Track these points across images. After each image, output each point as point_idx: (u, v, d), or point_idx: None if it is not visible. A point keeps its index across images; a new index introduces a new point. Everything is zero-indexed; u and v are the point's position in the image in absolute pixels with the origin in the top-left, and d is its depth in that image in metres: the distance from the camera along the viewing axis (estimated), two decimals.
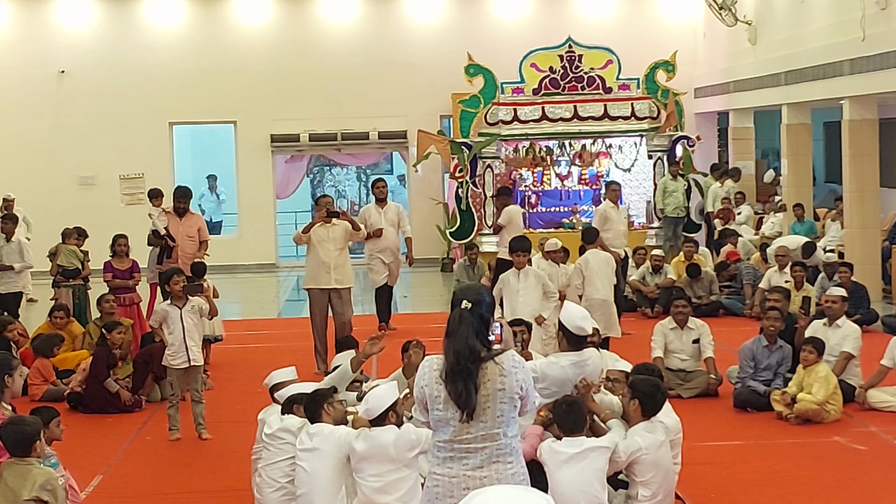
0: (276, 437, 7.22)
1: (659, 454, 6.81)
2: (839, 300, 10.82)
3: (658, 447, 6.81)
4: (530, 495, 3.25)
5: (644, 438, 6.80)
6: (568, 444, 6.56)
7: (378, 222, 14.32)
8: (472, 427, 4.90)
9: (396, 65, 22.64)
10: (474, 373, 4.88)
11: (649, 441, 6.79)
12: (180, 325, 9.63)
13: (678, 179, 18.91)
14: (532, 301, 10.96)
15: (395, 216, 14.58)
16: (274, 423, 7.29)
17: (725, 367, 10.99)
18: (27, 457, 6.12)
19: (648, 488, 6.78)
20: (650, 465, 6.76)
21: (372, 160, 25.29)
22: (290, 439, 7.13)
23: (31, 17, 22.51)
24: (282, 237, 23.58)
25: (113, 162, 21.84)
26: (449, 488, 4.91)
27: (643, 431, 6.86)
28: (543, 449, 6.56)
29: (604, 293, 11.92)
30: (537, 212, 19.71)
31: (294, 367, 8.03)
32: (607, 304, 11.97)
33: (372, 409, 6.57)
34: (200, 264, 12.42)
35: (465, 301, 4.98)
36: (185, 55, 22.53)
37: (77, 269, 14.06)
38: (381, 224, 14.30)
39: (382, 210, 14.47)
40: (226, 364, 12.79)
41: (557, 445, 6.57)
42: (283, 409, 7.37)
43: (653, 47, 20.83)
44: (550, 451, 6.56)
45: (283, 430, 7.19)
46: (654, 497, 6.80)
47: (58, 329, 12.58)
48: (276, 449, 7.21)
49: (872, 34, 14.98)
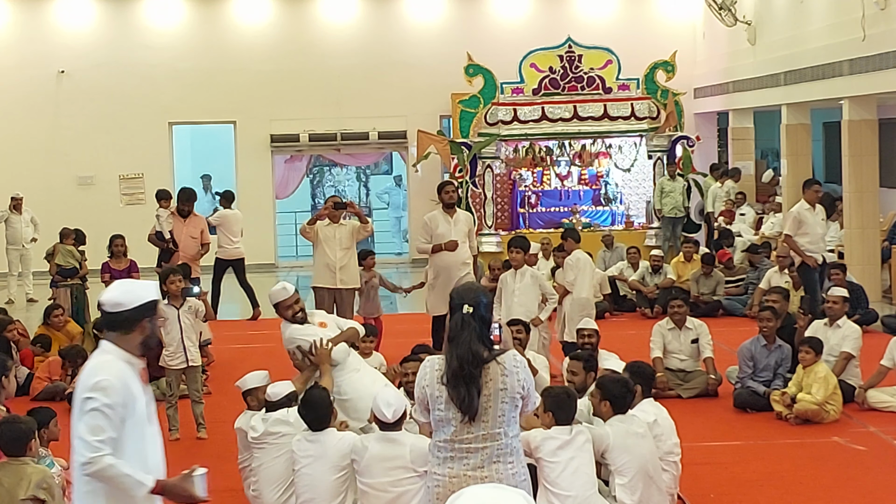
0: (269, 433, 7.17)
1: (629, 442, 6.82)
2: (840, 300, 10.81)
3: (627, 436, 6.83)
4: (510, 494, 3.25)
5: (612, 426, 6.87)
6: (559, 430, 6.57)
7: (448, 233, 11.76)
8: (473, 427, 4.90)
9: (396, 65, 22.64)
10: (477, 377, 4.88)
11: (617, 428, 6.85)
12: (178, 326, 9.63)
13: (676, 179, 18.90)
14: (527, 301, 10.93)
15: (465, 227, 11.96)
16: (258, 425, 7.25)
17: (725, 367, 10.99)
18: (22, 456, 6.12)
19: (623, 476, 6.77)
20: (620, 451, 6.78)
21: (371, 160, 25.30)
22: (286, 430, 7.09)
23: (31, 17, 22.50)
24: (281, 237, 23.60)
25: (112, 162, 21.87)
26: (449, 488, 4.91)
27: (615, 422, 6.94)
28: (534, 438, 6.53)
29: (587, 293, 11.85)
30: (537, 212, 19.70)
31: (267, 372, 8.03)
32: (590, 303, 11.89)
33: (398, 412, 6.57)
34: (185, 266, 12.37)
35: (465, 305, 4.97)
36: (185, 55, 22.52)
37: (75, 268, 14.08)
38: (452, 235, 11.74)
39: (452, 219, 11.90)
40: (225, 364, 12.77)
41: (551, 432, 6.59)
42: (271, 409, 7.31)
43: (652, 47, 20.83)
44: (545, 438, 6.55)
45: (277, 424, 7.14)
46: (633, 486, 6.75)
47: (55, 329, 12.60)
48: (272, 446, 7.15)
49: (872, 34, 14.98)
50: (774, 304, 10.78)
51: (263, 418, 7.28)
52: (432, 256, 11.82)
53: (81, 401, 4.56)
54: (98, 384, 4.53)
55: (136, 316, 4.67)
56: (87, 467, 4.52)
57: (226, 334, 14.03)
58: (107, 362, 4.62)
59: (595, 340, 9.52)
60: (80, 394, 4.58)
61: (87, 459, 4.51)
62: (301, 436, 6.93)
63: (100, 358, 4.67)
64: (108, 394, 4.52)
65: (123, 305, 4.66)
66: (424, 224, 12.01)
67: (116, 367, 4.61)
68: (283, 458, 7.09)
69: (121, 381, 4.58)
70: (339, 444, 6.76)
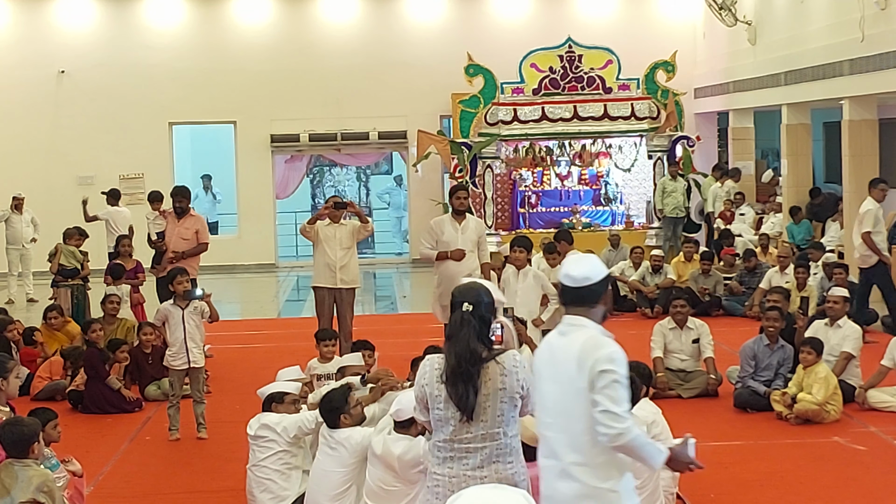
0: (258, 436, 7.35)
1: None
2: (841, 300, 10.81)
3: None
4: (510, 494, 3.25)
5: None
6: None
7: (454, 240, 11.28)
8: (473, 427, 4.90)
9: (396, 65, 22.63)
10: (475, 375, 4.88)
11: None
12: (182, 327, 9.62)
13: (677, 179, 18.91)
14: (529, 302, 10.92)
15: (475, 235, 11.41)
16: (254, 424, 7.44)
17: (725, 367, 10.98)
18: (25, 458, 6.11)
19: None
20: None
21: (371, 160, 25.29)
22: (272, 436, 7.28)
23: (31, 17, 22.50)
24: (281, 237, 23.60)
25: (113, 162, 21.86)
26: (449, 488, 4.91)
27: None
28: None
29: None
30: (537, 212, 19.71)
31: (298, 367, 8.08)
32: None
33: (403, 412, 6.57)
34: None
35: (465, 303, 4.97)
36: (185, 55, 22.52)
37: (76, 268, 14.07)
38: (458, 243, 11.26)
39: (460, 225, 11.38)
40: (226, 364, 12.78)
41: None
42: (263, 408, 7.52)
43: (653, 47, 20.83)
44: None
45: (264, 428, 7.32)
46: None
47: (55, 330, 12.60)
48: (260, 448, 7.33)
49: (872, 34, 14.98)
50: (776, 303, 10.78)
51: (259, 417, 7.46)
52: (437, 264, 11.38)
53: (597, 374, 4.54)
54: (611, 356, 4.57)
55: (601, 289, 4.78)
56: (619, 438, 4.50)
57: (226, 334, 14.03)
58: (598, 335, 4.67)
59: None
60: (595, 366, 4.56)
61: (618, 431, 4.49)
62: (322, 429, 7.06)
63: (586, 332, 4.69)
64: (621, 365, 4.58)
65: (591, 279, 4.76)
66: (429, 228, 11.54)
67: (610, 340, 4.67)
68: (268, 461, 7.25)
69: (623, 352, 4.65)
70: (351, 441, 6.87)
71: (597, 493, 4.57)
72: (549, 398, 4.73)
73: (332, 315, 11.95)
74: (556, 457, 4.67)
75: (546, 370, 4.76)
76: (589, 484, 4.58)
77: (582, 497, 4.58)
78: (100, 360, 10.93)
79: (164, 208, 13.21)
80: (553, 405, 4.71)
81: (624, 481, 4.63)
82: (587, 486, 4.58)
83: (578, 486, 4.59)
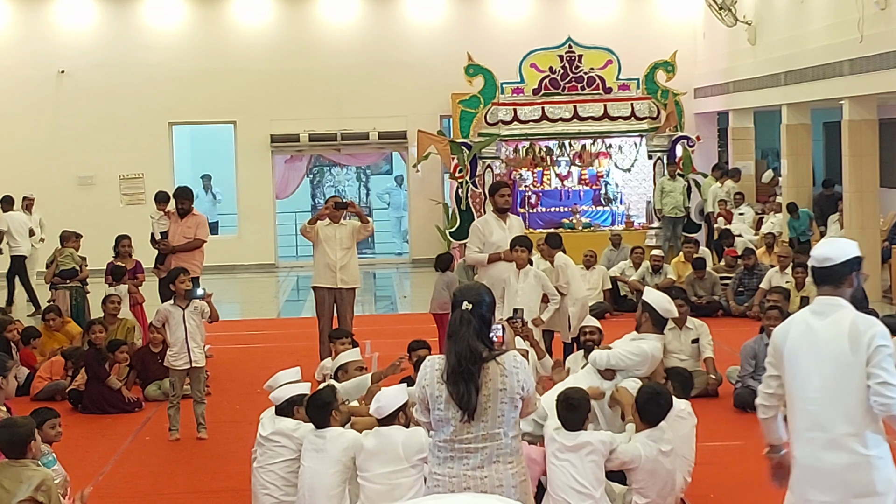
0: (269, 439, 7.14)
1: (657, 467, 6.78)
2: None
3: (656, 461, 6.78)
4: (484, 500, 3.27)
5: (646, 448, 6.78)
6: (565, 436, 6.59)
7: (503, 240, 10.65)
8: (473, 427, 4.90)
9: (396, 65, 22.63)
10: (476, 374, 4.88)
11: (650, 451, 6.77)
12: (183, 327, 9.61)
13: (676, 179, 18.91)
14: (530, 302, 10.88)
15: (520, 233, 10.98)
16: (268, 425, 7.21)
17: (725, 367, 10.98)
18: (22, 458, 6.11)
19: (644, 496, 6.78)
20: (647, 475, 6.75)
21: (372, 160, 25.29)
22: (285, 443, 7.07)
23: (31, 17, 22.50)
24: (281, 237, 23.60)
25: (113, 162, 21.86)
26: (449, 488, 4.91)
27: (646, 440, 6.83)
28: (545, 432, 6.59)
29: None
30: (537, 212, 19.70)
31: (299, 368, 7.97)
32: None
33: (383, 408, 6.57)
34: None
35: (465, 302, 4.97)
36: (185, 55, 22.52)
37: (74, 269, 14.05)
38: (507, 243, 10.58)
39: (506, 224, 10.87)
40: (225, 364, 12.79)
41: (556, 434, 6.60)
42: (281, 411, 7.25)
43: (653, 47, 20.83)
44: (549, 439, 6.58)
45: (278, 434, 7.11)
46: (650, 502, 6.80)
47: (53, 330, 12.60)
48: (270, 451, 7.13)
49: (872, 34, 14.98)
50: (776, 303, 10.78)
51: (275, 420, 7.22)
52: (486, 267, 10.80)
53: (875, 349, 4.80)
54: (883, 332, 4.85)
55: (845, 270, 4.99)
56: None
57: (225, 335, 14.03)
58: (861, 314, 4.95)
59: (597, 338, 9.51)
60: (872, 343, 4.82)
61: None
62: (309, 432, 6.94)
63: (847, 311, 4.94)
64: (890, 339, 4.87)
65: (832, 260, 4.99)
66: (475, 230, 10.89)
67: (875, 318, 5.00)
68: (276, 466, 7.08)
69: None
70: (339, 441, 6.79)
71: (866, 461, 4.85)
72: (813, 374, 4.94)
73: (333, 315, 11.94)
74: (822, 429, 4.91)
75: (805, 348, 4.98)
76: (860, 452, 4.85)
77: (852, 465, 4.85)
78: (97, 360, 10.92)
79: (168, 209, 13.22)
80: (821, 381, 4.92)
81: (886, 448, 4.92)
82: (858, 455, 4.85)
83: (848, 455, 4.86)
